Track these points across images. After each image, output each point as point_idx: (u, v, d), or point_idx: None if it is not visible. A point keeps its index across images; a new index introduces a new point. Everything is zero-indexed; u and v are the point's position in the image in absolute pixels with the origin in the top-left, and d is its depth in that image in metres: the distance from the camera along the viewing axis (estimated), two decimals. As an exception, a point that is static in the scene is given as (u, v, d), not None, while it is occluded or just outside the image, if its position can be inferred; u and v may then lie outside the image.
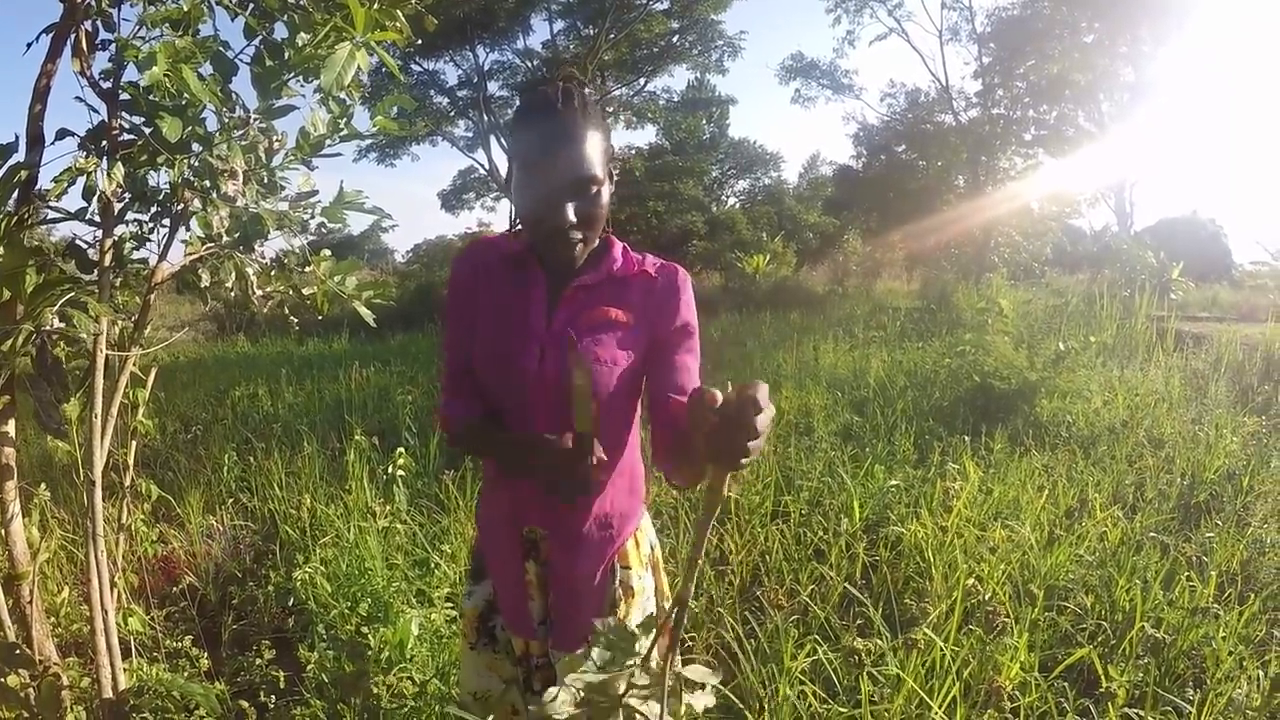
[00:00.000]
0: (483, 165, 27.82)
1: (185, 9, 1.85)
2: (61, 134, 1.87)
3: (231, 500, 4.73)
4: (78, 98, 1.88)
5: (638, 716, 1.04)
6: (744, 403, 0.94)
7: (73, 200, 1.91)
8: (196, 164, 1.97)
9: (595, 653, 1.03)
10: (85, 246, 1.99)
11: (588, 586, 1.57)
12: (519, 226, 1.57)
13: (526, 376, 1.49)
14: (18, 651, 1.91)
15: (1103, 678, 2.63)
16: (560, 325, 1.51)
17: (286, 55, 1.94)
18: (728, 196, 34.21)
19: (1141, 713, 2.52)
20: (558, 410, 1.47)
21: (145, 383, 2.34)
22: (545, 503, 1.52)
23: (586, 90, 1.48)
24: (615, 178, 1.55)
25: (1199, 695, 2.64)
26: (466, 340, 1.60)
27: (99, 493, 1.95)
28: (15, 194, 1.83)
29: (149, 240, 2.14)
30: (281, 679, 2.80)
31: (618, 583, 1.59)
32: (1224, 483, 4.70)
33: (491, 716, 1.64)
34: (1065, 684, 2.69)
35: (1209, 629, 3.01)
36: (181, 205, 2.04)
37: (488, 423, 1.58)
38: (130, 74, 1.92)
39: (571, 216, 1.42)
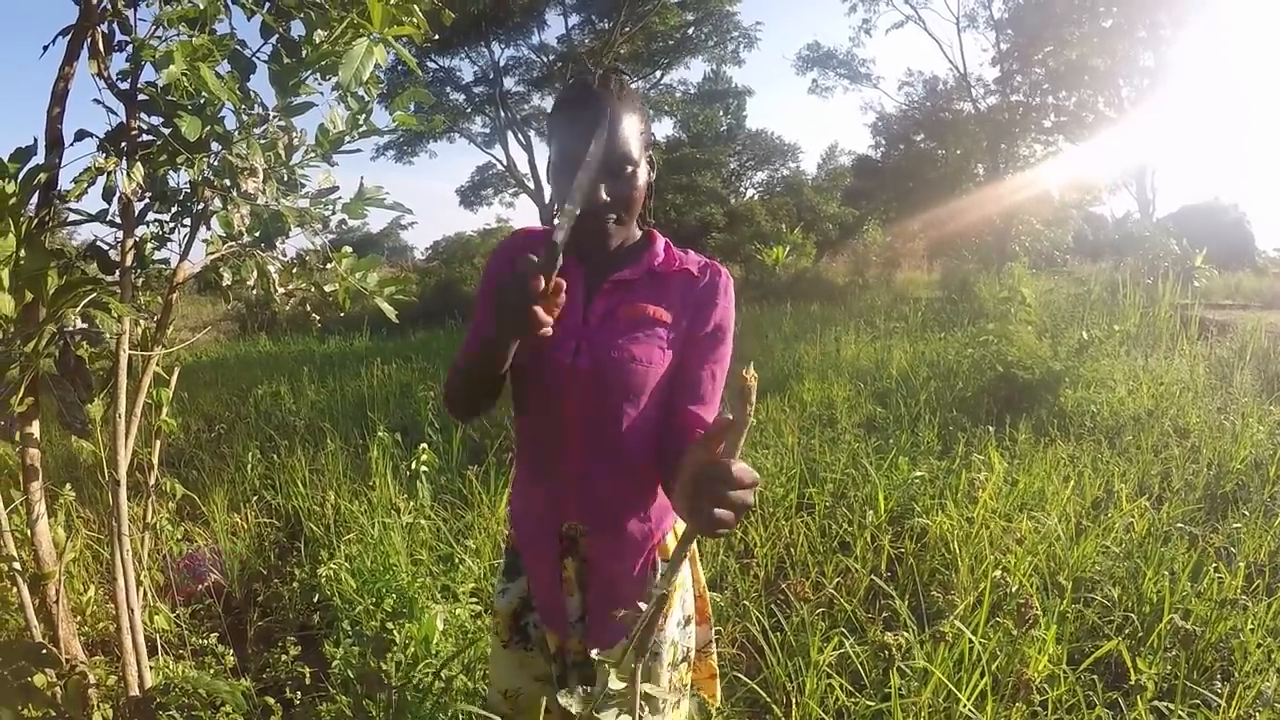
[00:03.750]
0: (500, 161, 27.88)
1: (201, 7, 1.85)
2: (80, 135, 1.88)
3: (255, 498, 4.75)
4: (96, 100, 1.89)
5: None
6: (720, 475, 1.00)
7: (93, 202, 1.92)
8: (216, 163, 1.98)
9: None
10: (106, 248, 1.99)
11: (628, 582, 1.54)
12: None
13: (560, 370, 1.46)
14: (44, 651, 1.92)
15: (1131, 670, 2.61)
16: (596, 319, 1.48)
17: (304, 52, 1.94)
18: (746, 188, 34.22)
19: (1170, 706, 2.50)
20: (588, 402, 1.47)
21: (169, 382, 2.35)
22: (584, 498, 1.50)
23: (625, 78, 1.47)
24: (655, 167, 1.53)
25: (1227, 688, 2.61)
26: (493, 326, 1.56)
27: (124, 492, 1.96)
28: (35, 196, 1.83)
29: (170, 240, 2.14)
30: (307, 675, 2.81)
31: (659, 577, 1.53)
32: (1251, 472, 4.65)
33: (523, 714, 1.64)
34: (1094, 677, 2.66)
35: (1237, 621, 2.98)
36: (202, 204, 2.04)
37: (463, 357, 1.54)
38: (148, 74, 1.92)
39: (604, 195, 1.39)
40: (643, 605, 1.50)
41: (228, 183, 1.98)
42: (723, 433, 1.02)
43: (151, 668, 2.20)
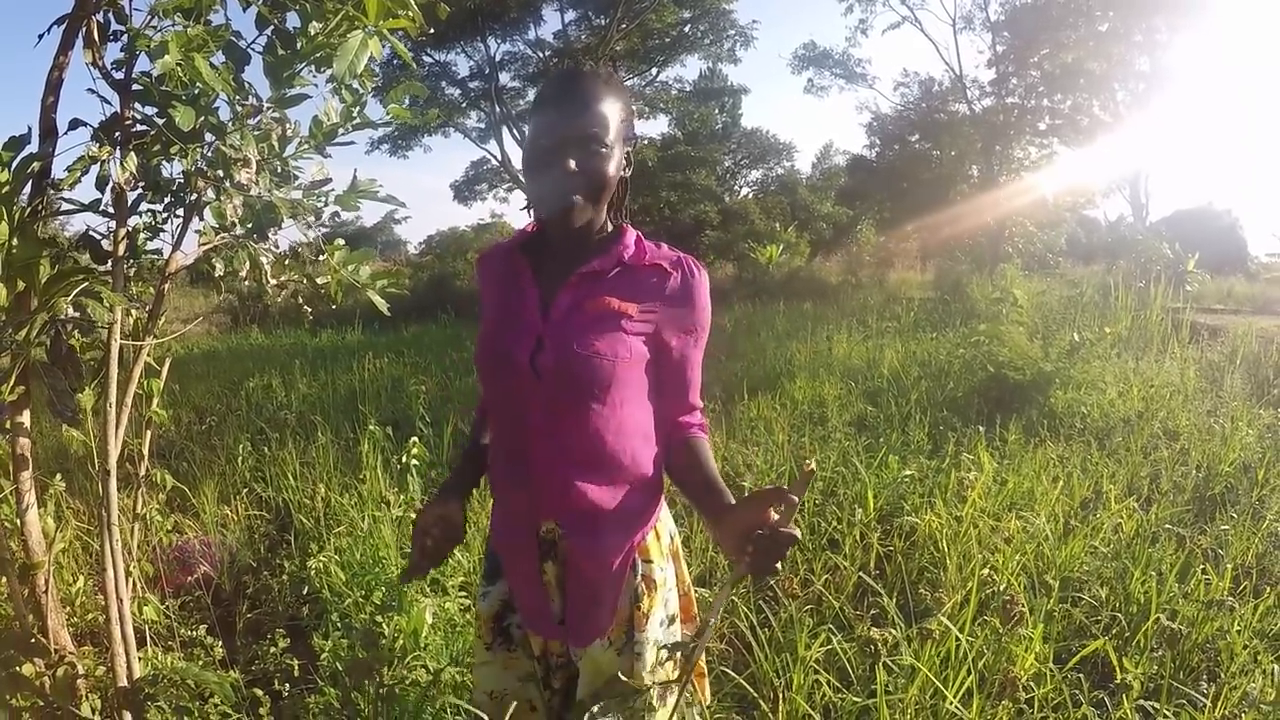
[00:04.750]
0: (495, 156, 27.86)
1: (197, -2, 1.85)
2: (74, 124, 1.87)
3: (246, 490, 4.75)
4: (90, 89, 1.89)
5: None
6: (782, 540, 1.25)
7: (87, 192, 1.92)
8: (210, 153, 1.97)
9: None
10: (99, 238, 1.99)
11: (607, 583, 1.53)
12: (528, 201, 1.57)
13: (520, 371, 1.46)
14: (33, 640, 1.92)
15: (1118, 670, 2.62)
16: (560, 314, 1.47)
17: (299, 44, 1.94)
18: (741, 186, 34.21)
19: (1156, 705, 2.51)
20: (555, 402, 1.46)
21: (160, 373, 2.35)
22: (560, 500, 1.50)
23: (608, 70, 1.49)
24: (631, 160, 1.53)
25: (1213, 689, 2.62)
26: None
27: (114, 483, 1.96)
28: (29, 185, 1.83)
29: (163, 231, 2.14)
30: (296, 667, 2.81)
31: (640, 577, 1.54)
32: (1239, 475, 4.68)
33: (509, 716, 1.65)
34: (1080, 675, 2.68)
35: (1224, 622, 3.00)
36: (195, 195, 2.03)
37: (459, 467, 1.74)
38: (143, 64, 1.92)
39: (572, 165, 1.40)
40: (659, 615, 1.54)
41: (221, 173, 1.98)
42: (775, 499, 1.28)
43: (140, 659, 2.20)
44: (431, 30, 2.04)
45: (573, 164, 1.40)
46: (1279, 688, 2.58)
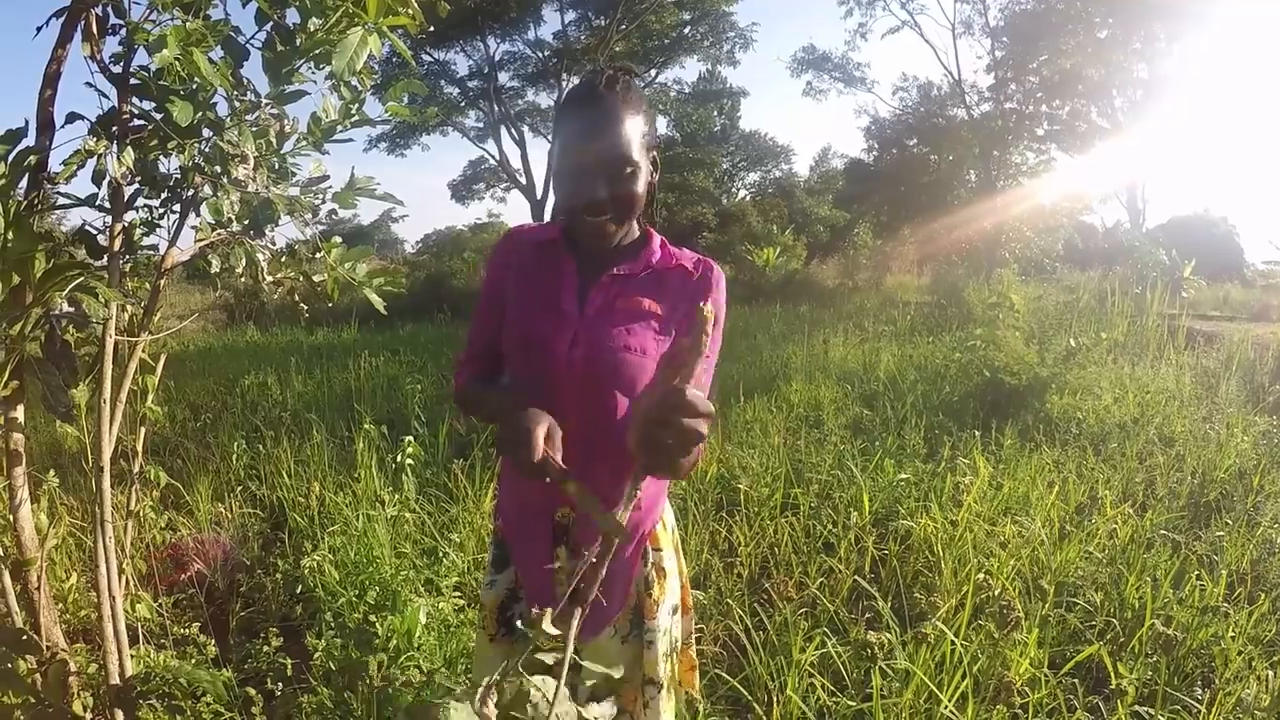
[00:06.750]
0: (493, 156, 27.89)
1: (196, -8, 1.84)
2: (71, 118, 1.86)
3: (240, 488, 4.73)
4: (88, 83, 1.88)
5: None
6: (669, 401, 1.09)
7: (83, 187, 1.90)
8: (207, 149, 1.97)
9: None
10: (95, 233, 1.98)
11: (619, 571, 1.57)
12: (557, 213, 1.59)
13: (556, 360, 1.50)
14: (25, 637, 1.91)
15: (1112, 675, 2.62)
16: (593, 311, 1.52)
17: (298, 40, 1.93)
18: (738, 189, 34.32)
19: (1151, 711, 2.51)
20: (583, 394, 1.49)
21: (155, 370, 2.33)
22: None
23: (632, 79, 1.50)
24: (658, 168, 1.58)
25: (1208, 694, 2.62)
26: (494, 326, 1.62)
27: (107, 479, 1.95)
28: (25, 179, 1.82)
29: (159, 226, 2.13)
30: (289, 666, 2.80)
31: (650, 565, 1.59)
32: (1235, 482, 4.68)
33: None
34: (1075, 680, 2.68)
35: (1219, 628, 3.00)
36: (192, 191, 2.03)
37: (488, 383, 1.65)
38: (141, 59, 1.91)
39: (603, 194, 1.44)
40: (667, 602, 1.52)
41: (218, 169, 1.97)
42: (680, 358, 1.09)
43: (133, 656, 2.19)
44: (431, 28, 2.04)
45: (602, 191, 1.44)
46: (1273, 694, 2.58)
